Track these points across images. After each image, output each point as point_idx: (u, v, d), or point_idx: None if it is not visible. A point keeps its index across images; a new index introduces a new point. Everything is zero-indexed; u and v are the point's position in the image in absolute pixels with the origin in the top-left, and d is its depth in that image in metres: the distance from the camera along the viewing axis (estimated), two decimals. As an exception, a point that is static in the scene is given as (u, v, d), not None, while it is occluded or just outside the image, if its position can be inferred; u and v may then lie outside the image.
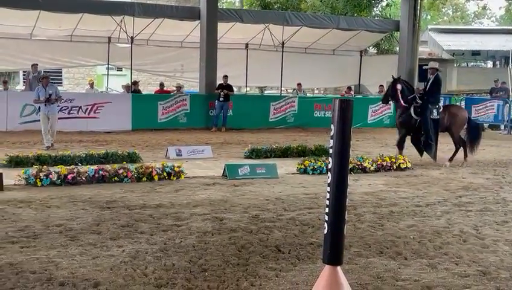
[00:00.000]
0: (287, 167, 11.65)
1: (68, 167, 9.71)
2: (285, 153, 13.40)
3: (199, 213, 7.54)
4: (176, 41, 23.13)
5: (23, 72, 27.51)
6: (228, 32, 22.22)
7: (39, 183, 9.12)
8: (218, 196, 8.77)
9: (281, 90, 26.08)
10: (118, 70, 30.30)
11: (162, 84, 22.88)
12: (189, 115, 19.95)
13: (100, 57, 22.60)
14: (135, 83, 21.46)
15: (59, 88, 17.34)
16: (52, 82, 15.86)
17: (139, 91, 21.42)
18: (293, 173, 11.20)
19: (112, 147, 13.92)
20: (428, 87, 12.98)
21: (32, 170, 9.38)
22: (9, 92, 19.46)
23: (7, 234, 6.23)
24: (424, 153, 13.02)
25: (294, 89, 24.83)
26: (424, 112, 12.67)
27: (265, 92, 32.18)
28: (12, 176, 9.40)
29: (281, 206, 8.13)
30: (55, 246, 5.83)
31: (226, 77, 20.41)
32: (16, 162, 10.85)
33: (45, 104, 14.17)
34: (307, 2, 31.78)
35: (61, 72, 32.73)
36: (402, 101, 12.82)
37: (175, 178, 10.15)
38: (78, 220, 6.99)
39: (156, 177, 9.97)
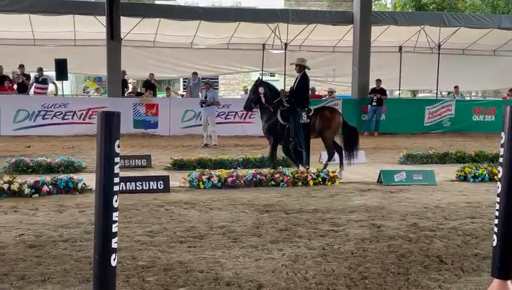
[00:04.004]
0: (445, 173, 11.23)
1: (228, 171, 10.12)
2: (442, 159, 12.94)
3: (356, 219, 7.51)
4: (328, 46, 23.27)
5: (184, 79, 29.18)
6: (381, 36, 21.93)
7: (201, 186, 9.60)
8: (374, 203, 8.67)
9: (437, 94, 25.21)
10: (271, 75, 31.06)
11: (313, 89, 23.05)
12: (341, 119, 19.91)
13: (255, 64, 23.37)
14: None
15: (216, 94, 18.41)
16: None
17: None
18: (452, 180, 10.79)
19: (266, 150, 14.25)
20: (295, 87, 11.34)
21: (196, 173, 9.90)
22: (172, 99, 20.75)
23: (175, 234, 6.62)
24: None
25: (450, 92, 23.90)
26: (293, 116, 11.07)
27: (418, 95, 31.33)
28: (176, 178, 10.00)
29: (440, 215, 7.86)
30: (219, 247, 6.10)
31: (379, 80, 20.14)
32: (179, 165, 11.55)
33: (201, 106, 15.62)
34: (465, 2, 30.48)
35: (217, 79, 34.26)
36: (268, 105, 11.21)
37: (329, 183, 10.19)
38: (239, 222, 7.26)
39: (311, 182, 10.07)
